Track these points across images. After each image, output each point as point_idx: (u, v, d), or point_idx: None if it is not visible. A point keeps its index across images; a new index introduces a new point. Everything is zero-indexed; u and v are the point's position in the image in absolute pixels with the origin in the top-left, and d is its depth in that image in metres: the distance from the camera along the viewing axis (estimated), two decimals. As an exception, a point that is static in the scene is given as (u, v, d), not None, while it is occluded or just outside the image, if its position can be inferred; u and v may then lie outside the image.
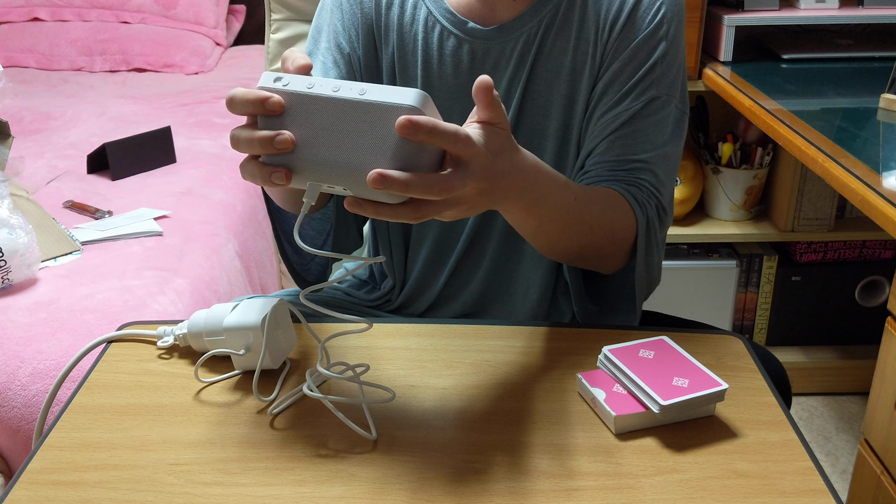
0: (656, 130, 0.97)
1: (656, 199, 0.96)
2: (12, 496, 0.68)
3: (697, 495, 0.69)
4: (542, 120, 1.00)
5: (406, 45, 1.01)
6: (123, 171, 1.88)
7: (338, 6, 1.02)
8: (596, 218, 0.89)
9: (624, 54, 0.96)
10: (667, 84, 0.97)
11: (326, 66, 1.01)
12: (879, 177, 1.21)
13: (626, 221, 0.92)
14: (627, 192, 0.93)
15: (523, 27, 0.97)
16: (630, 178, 0.95)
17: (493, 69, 0.99)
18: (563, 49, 0.98)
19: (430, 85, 1.01)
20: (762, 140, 2.00)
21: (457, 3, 0.99)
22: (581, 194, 0.87)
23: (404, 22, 1.01)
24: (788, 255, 2.09)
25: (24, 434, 1.22)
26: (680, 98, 0.99)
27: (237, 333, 0.82)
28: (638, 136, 0.96)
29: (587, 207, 0.87)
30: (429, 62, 1.00)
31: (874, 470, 1.19)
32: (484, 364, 0.85)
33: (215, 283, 1.57)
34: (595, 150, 0.97)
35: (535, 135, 1.01)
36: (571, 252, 0.91)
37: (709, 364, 0.84)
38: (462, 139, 0.67)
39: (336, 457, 0.73)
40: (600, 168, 0.96)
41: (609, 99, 0.97)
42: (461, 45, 0.99)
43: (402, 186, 0.64)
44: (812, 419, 2.04)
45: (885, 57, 1.86)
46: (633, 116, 0.96)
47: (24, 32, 2.63)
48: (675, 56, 0.98)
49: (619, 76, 0.96)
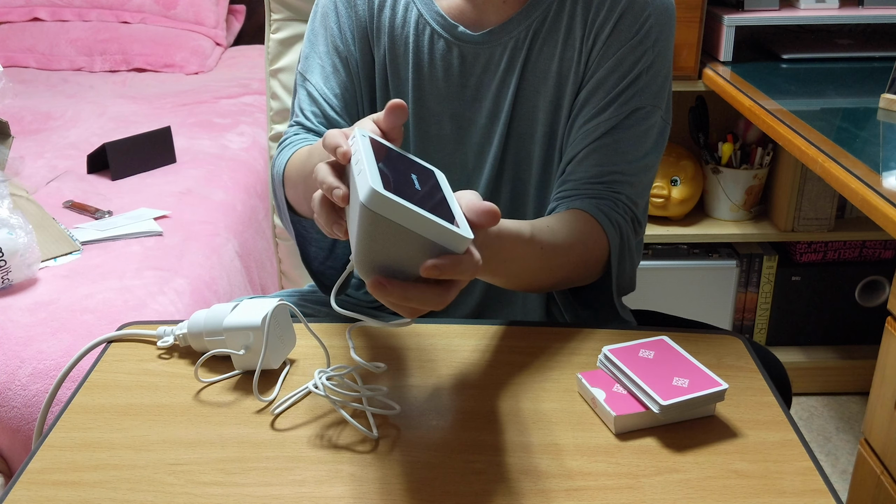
0: (638, 141, 0.97)
1: (632, 212, 0.97)
2: (12, 496, 0.68)
3: (697, 495, 0.69)
4: (529, 125, 1.00)
5: (398, 47, 1.01)
6: (123, 171, 1.88)
7: (332, 9, 1.02)
8: (565, 257, 0.89)
9: (609, 62, 0.95)
10: (652, 94, 0.97)
11: (326, 71, 1.01)
12: (879, 177, 1.21)
13: (598, 245, 0.93)
14: (600, 211, 0.94)
15: (512, 32, 0.97)
16: (607, 192, 0.95)
17: (483, 73, 0.99)
18: (550, 55, 0.98)
19: (420, 87, 1.01)
20: (762, 140, 2.00)
21: (447, 6, 0.99)
22: (547, 242, 0.86)
23: (396, 24, 1.01)
24: (788, 255, 2.09)
25: (24, 434, 1.22)
26: (665, 108, 0.99)
27: (237, 333, 0.82)
28: (619, 147, 0.96)
29: (554, 252, 0.87)
30: (420, 65, 1.00)
31: (874, 470, 1.19)
32: (484, 364, 0.85)
33: (215, 283, 1.57)
34: (576, 158, 0.97)
35: (523, 140, 1.01)
36: (545, 288, 0.93)
37: (709, 364, 0.84)
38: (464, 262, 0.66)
39: (336, 457, 0.73)
40: (579, 182, 0.96)
41: (592, 107, 0.96)
42: (451, 48, 0.99)
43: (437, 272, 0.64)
44: (812, 419, 2.04)
45: (885, 57, 1.86)
46: (615, 126, 0.95)
47: (24, 32, 2.63)
48: (661, 66, 0.97)
49: (603, 84, 0.96)
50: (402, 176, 0.67)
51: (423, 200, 0.65)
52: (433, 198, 0.67)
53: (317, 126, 1.01)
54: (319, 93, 1.01)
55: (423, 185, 0.68)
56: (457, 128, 1.02)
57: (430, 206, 0.64)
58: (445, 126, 1.02)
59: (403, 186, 0.65)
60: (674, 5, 0.99)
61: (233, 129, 2.15)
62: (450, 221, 0.64)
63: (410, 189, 0.65)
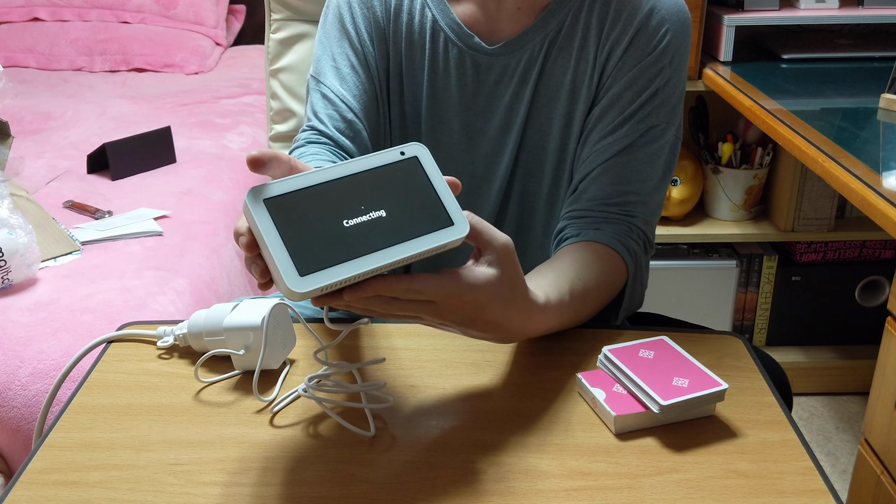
0: (652, 159, 0.96)
1: (644, 235, 0.96)
2: (12, 496, 0.68)
3: (697, 495, 0.69)
4: (542, 138, 1.00)
5: (414, 52, 1.00)
6: (123, 171, 1.88)
7: (347, 9, 1.00)
8: (594, 303, 0.89)
9: (624, 79, 0.94)
10: (667, 112, 0.96)
11: (342, 72, 0.99)
12: (879, 177, 1.21)
13: (620, 278, 0.93)
14: (618, 241, 0.93)
15: (527, 44, 0.96)
16: (622, 216, 0.95)
17: (496, 84, 0.98)
18: (563, 68, 0.97)
19: (434, 95, 1.00)
20: (762, 140, 2.00)
21: (462, 13, 0.98)
22: (568, 307, 0.83)
23: (413, 28, 0.99)
24: (788, 255, 2.09)
25: (24, 434, 1.22)
26: (677, 125, 0.98)
27: (237, 333, 0.82)
28: (633, 166, 0.95)
29: (584, 304, 0.87)
30: (435, 71, 0.99)
31: (874, 470, 1.19)
32: (484, 364, 0.85)
33: (215, 283, 1.57)
34: (589, 176, 0.96)
35: (534, 152, 1.00)
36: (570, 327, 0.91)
37: (709, 364, 0.84)
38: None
39: (336, 457, 0.73)
40: (593, 202, 0.95)
41: (607, 124, 0.95)
42: (464, 57, 0.98)
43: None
44: (812, 419, 2.04)
45: (885, 57, 1.86)
46: (630, 144, 0.95)
47: (24, 32, 2.63)
48: (676, 84, 0.96)
49: (618, 101, 0.95)
50: (325, 223, 0.62)
51: (355, 234, 0.62)
52: (372, 212, 0.63)
53: (332, 130, 0.97)
54: (336, 94, 0.98)
55: (358, 206, 0.63)
56: (466, 137, 1.01)
57: (368, 236, 0.62)
58: (455, 134, 1.02)
59: (325, 237, 0.61)
60: (690, 19, 0.97)
61: (233, 129, 2.16)
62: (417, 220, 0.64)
63: (337, 232, 0.61)
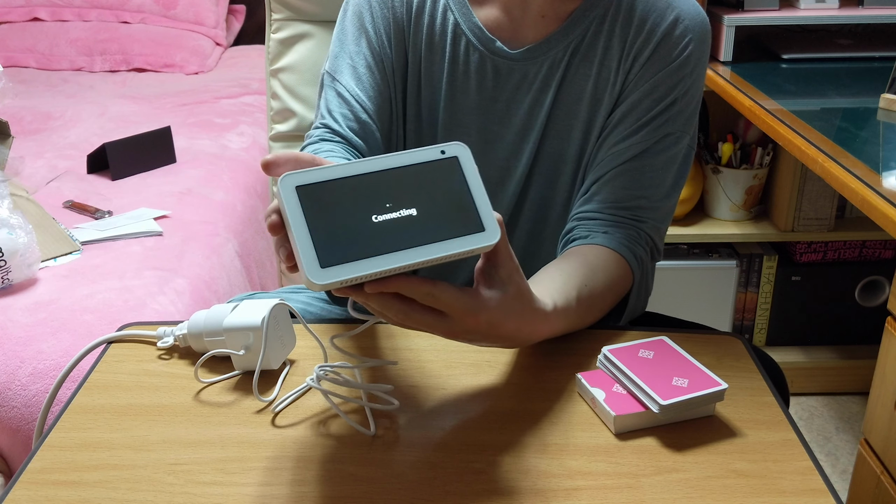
0: (666, 167, 0.96)
1: (652, 241, 0.96)
2: (12, 496, 0.68)
3: (697, 495, 0.69)
4: (561, 144, 0.99)
5: (434, 54, 0.99)
6: (123, 171, 1.88)
7: (367, 8, 0.99)
8: (599, 309, 0.89)
9: (645, 86, 0.94)
10: (683, 121, 0.96)
11: (358, 71, 0.99)
12: (879, 177, 1.21)
13: (626, 283, 0.93)
14: (625, 247, 0.93)
15: (550, 51, 0.96)
16: (631, 221, 0.95)
17: (516, 90, 0.98)
18: (585, 75, 0.97)
19: (452, 98, 1.00)
20: (762, 140, 2.00)
21: (485, 17, 0.98)
22: (573, 312, 0.84)
23: (435, 30, 0.99)
24: (788, 255, 2.09)
25: (24, 434, 1.22)
26: (692, 134, 0.99)
27: (237, 333, 0.82)
28: (646, 171, 0.95)
29: (590, 310, 0.87)
30: (454, 74, 0.99)
31: (874, 470, 1.19)
32: (484, 364, 0.85)
33: (215, 283, 1.57)
34: (602, 178, 0.96)
35: (554, 160, 1.00)
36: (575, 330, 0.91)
37: (708, 364, 0.84)
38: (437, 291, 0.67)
39: (336, 457, 0.73)
40: (603, 205, 0.95)
41: (624, 129, 0.96)
42: (485, 61, 0.98)
43: None
44: (812, 419, 2.04)
45: (885, 57, 1.86)
46: (644, 150, 0.95)
47: (24, 32, 2.63)
48: (694, 94, 0.97)
49: (637, 107, 0.95)
50: (353, 216, 0.60)
51: (382, 230, 0.60)
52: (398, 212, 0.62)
53: (345, 129, 0.97)
54: (351, 94, 0.98)
55: (390, 202, 0.62)
56: (483, 141, 1.01)
57: (395, 234, 0.60)
58: (471, 138, 1.01)
59: (352, 231, 0.59)
60: (710, 30, 0.97)
61: (233, 129, 2.16)
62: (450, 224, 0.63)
63: (365, 227, 0.59)
